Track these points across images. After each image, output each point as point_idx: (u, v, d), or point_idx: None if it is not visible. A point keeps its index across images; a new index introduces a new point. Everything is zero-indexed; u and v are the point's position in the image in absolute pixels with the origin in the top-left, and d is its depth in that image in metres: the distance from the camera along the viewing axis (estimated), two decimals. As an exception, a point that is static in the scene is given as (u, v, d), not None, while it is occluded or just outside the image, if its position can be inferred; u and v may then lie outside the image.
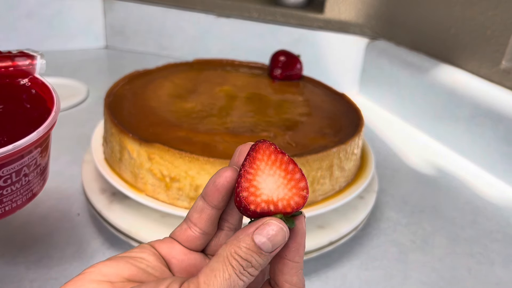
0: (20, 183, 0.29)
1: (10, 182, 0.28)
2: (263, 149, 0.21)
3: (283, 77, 0.54)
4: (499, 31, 0.58)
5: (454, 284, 0.40)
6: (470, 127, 0.61)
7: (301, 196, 0.21)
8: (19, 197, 0.29)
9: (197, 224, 0.23)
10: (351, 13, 0.79)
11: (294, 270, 0.22)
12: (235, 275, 0.19)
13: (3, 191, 0.27)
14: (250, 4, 0.85)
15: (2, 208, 0.28)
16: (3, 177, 0.27)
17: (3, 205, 0.28)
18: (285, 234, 0.20)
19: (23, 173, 0.28)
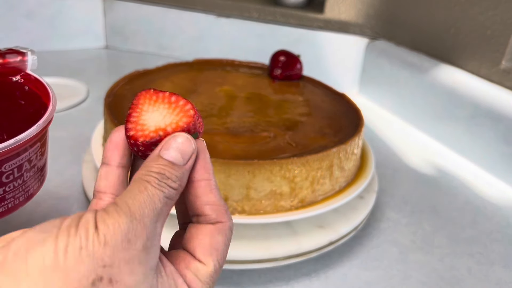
0: (21, 179, 0.28)
1: (12, 178, 0.28)
2: (143, 95, 0.21)
3: (283, 77, 0.54)
4: (499, 31, 0.58)
5: (454, 284, 0.40)
6: (470, 127, 0.61)
7: (189, 116, 0.21)
8: (21, 194, 0.29)
9: (107, 190, 0.22)
10: (351, 13, 0.79)
11: (208, 188, 0.21)
12: (152, 187, 0.19)
13: (5, 187, 0.27)
14: (250, 4, 0.85)
15: (5, 206, 0.28)
16: (5, 173, 0.27)
17: (5, 203, 0.28)
18: (191, 142, 0.20)
19: (24, 168, 0.28)
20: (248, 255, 0.37)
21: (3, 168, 0.26)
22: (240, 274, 0.40)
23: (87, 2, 0.90)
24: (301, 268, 0.41)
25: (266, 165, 0.36)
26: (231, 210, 0.37)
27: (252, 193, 0.37)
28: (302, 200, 0.39)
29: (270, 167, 0.36)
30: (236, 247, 0.37)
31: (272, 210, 0.38)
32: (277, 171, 0.36)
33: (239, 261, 0.37)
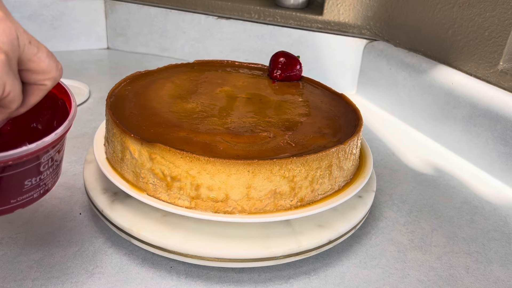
0: (52, 168, 0.30)
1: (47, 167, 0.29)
2: None
3: (283, 78, 0.55)
4: (497, 32, 0.58)
5: (452, 282, 0.41)
6: (468, 127, 0.61)
7: None
8: (51, 180, 0.31)
9: None
10: (349, 15, 0.80)
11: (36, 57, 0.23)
12: None
13: (41, 175, 0.29)
14: (250, 6, 0.85)
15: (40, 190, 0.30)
16: (43, 163, 0.28)
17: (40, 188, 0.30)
18: None
19: (55, 158, 0.30)
20: (248, 254, 0.37)
21: (42, 159, 0.28)
22: (239, 272, 0.40)
23: (89, 4, 0.91)
24: (301, 267, 0.41)
25: (266, 165, 0.36)
26: (231, 210, 0.38)
27: (252, 193, 0.37)
28: (301, 199, 0.39)
29: (270, 166, 0.37)
30: (236, 246, 0.37)
31: (271, 209, 0.38)
32: (277, 170, 0.37)
33: (239, 259, 0.37)
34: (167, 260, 0.40)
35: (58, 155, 0.30)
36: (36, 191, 0.30)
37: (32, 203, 0.30)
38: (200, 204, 0.37)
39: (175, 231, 0.38)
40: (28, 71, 0.26)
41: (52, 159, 0.30)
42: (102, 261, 0.40)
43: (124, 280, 0.38)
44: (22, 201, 0.29)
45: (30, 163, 0.27)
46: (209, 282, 0.39)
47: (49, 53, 0.26)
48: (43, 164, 0.29)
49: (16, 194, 0.28)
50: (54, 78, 0.27)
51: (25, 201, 0.29)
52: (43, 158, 0.28)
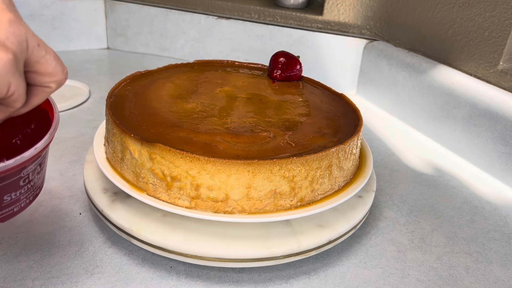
0: (32, 182, 0.29)
1: (27, 181, 0.28)
2: None
3: (283, 78, 0.55)
4: (497, 32, 0.58)
5: (452, 282, 0.41)
6: (468, 127, 0.61)
7: None
8: (32, 194, 0.30)
9: None
10: (349, 15, 0.80)
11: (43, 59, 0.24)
12: None
13: (21, 189, 0.28)
14: (250, 6, 0.85)
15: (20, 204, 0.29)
16: (23, 177, 0.28)
17: (20, 203, 0.29)
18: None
19: (36, 171, 0.29)
20: (248, 254, 0.37)
21: (22, 173, 0.27)
22: (239, 272, 0.40)
23: (89, 4, 0.91)
24: (301, 267, 0.41)
25: (266, 165, 0.36)
26: (231, 210, 0.38)
27: (252, 193, 0.37)
28: (301, 199, 0.39)
29: (270, 166, 0.37)
30: (236, 246, 0.37)
31: (271, 209, 0.38)
32: (277, 170, 0.37)
33: (239, 259, 0.37)
34: (167, 260, 0.40)
35: (39, 168, 0.29)
36: (17, 205, 0.29)
37: (12, 217, 0.29)
38: (200, 204, 0.37)
39: (175, 231, 0.38)
40: (34, 72, 0.26)
41: (34, 172, 0.29)
42: (102, 261, 0.40)
43: (124, 280, 0.38)
44: (3, 215, 0.28)
45: (9, 178, 0.27)
46: (209, 282, 0.39)
47: (56, 57, 0.27)
48: (23, 178, 0.28)
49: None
50: (59, 81, 0.27)
51: (5, 216, 0.29)
52: (23, 173, 0.27)
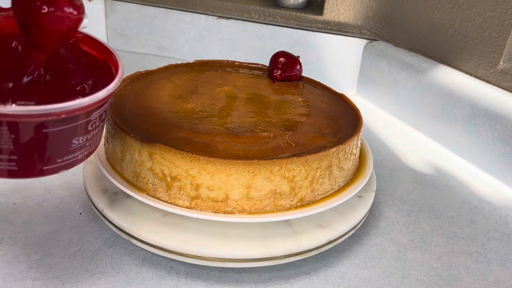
0: (98, 128, 0.30)
1: (94, 126, 0.29)
2: None
3: (283, 78, 0.55)
4: (497, 32, 0.58)
5: (452, 282, 0.41)
6: (468, 127, 0.61)
7: None
8: (95, 143, 0.31)
9: None
10: (349, 15, 0.80)
11: None
12: None
13: (88, 135, 0.29)
14: (250, 6, 0.85)
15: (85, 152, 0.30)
16: (92, 121, 0.28)
17: (85, 149, 0.30)
18: None
19: (102, 117, 0.30)
20: (248, 254, 0.37)
21: (92, 116, 0.28)
22: (239, 272, 0.40)
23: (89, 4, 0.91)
24: (301, 267, 0.41)
25: (266, 165, 0.36)
26: (231, 210, 0.38)
27: (252, 193, 0.37)
28: (301, 199, 0.39)
29: (270, 166, 0.37)
30: (236, 246, 0.37)
31: (271, 209, 0.38)
32: (277, 170, 0.37)
33: (239, 259, 0.37)
34: (167, 260, 0.40)
35: (104, 114, 0.30)
36: (82, 151, 0.29)
37: (75, 165, 0.30)
38: (200, 204, 0.37)
39: (175, 231, 0.38)
40: None
41: (100, 117, 0.29)
42: (102, 261, 0.40)
43: (124, 280, 0.38)
44: (68, 161, 0.28)
45: (81, 119, 0.27)
46: (209, 282, 0.39)
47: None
48: (92, 122, 0.28)
49: (63, 153, 0.28)
50: None
51: (70, 162, 0.29)
52: (93, 115, 0.28)
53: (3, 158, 0.26)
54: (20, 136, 0.25)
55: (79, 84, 0.29)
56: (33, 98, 0.26)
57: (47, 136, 0.26)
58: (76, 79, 0.30)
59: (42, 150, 0.27)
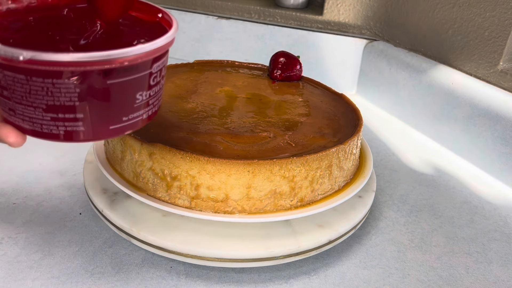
0: (159, 86, 0.29)
1: (156, 82, 0.29)
2: None
3: (283, 78, 0.55)
4: (497, 32, 0.58)
5: (452, 282, 0.41)
6: (468, 127, 0.61)
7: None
8: (157, 102, 0.30)
9: None
10: (349, 15, 0.80)
11: None
12: None
13: (150, 91, 0.28)
14: (250, 6, 0.85)
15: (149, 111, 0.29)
16: (153, 74, 0.28)
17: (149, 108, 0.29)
18: None
19: (162, 74, 0.29)
20: (248, 254, 0.37)
21: (153, 68, 0.27)
22: (239, 272, 0.40)
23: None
24: (301, 267, 0.41)
25: (266, 165, 0.36)
26: (231, 210, 0.38)
27: (252, 193, 0.37)
28: (301, 199, 0.39)
29: (270, 166, 0.37)
30: (236, 246, 0.37)
31: (271, 209, 0.38)
32: (277, 170, 0.37)
33: (239, 259, 0.37)
34: (167, 260, 0.40)
35: (164, 70, 0.29)
36: (146, 110, 0.29)
37: (140, 126, 0.29)
38: (200, 204, 0.37)
39: (175, 231, 0.38)
40: None
41: (160, 72, 0.29)
42: (102, 261, 0.40)
43: (124, 280, 0.38)
44: (133, 120, 0.28)
45: (142, 71, 0.26)
46: (209, 282, 0.39)
47: None
48: (154, 75, 0.28)
49: (128, 109, 0.27)
50: None
51: (135, 121, 0.28)
52: (154, 67, 0.27)
53: (70, 118, 0.26)
54: (84, 89, 0.25)
55: (136, 41, 0.29)
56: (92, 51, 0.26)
57: (111, 88, 0.25)
58: (131, 38, 0.29)
59: (107, 105, 0.26)
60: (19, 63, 0.23)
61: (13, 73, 0.24)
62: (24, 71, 0.24)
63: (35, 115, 0.26)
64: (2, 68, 0.24)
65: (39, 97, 0.25)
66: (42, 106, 0.25)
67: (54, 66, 0.23)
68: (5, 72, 0.24)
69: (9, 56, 0.23)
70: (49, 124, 0.26)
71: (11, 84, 0.25)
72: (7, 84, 0.25)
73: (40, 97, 0.25)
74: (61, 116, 0.25)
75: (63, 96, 0.25)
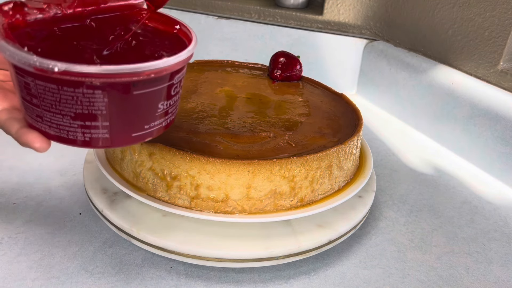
0: (178, 95, 0.31)
1: (175, 92, 0.30)
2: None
3: (283, 78, 0.55)
4: (497, 32, 0.58)
5: (452, 282, 0.41)
6: (468, 127, 0.61)
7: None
8: (175, 111, 0.32)
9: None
10: (349, 15, 0.80)
11: None
12: None
13: (170, 101, 0.30)
14: (250, 6, 0.85)
15: (166, 120, 0.30)
16: (174, 85, 0.29)
17: (167, 117, 0.30)
18: None
19: (181, 84, 0.31)
20: (248, 254, 0.37)
21: (174, 80, 0.29)
22: (239, 272, 0.40)
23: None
24: (301, 267, 0.41)
25: (266, 165, 0.36)
26: (231, 210, 0.38)
27: (252, 193, 0.37)
28: (301, 199, 0.39)
29: (270, 166, 0.37)
30: (236, 246, 0.37)
31: (272, 209, 0.38)
32: (277, 170, 0.37)
33: (239, 259, 0.37)
34: (167, 260, 0.40)
35: (182, 81, 0.31)
36: (166, 118, 0.30)
37: (159, 134, 0.30)
38: (200, 204, 0.37)
39: (175, 231, 0.38)
40: None
41: (180, 83, 0.30)
42: (102, 261, 0.40)
43: (124, 280, 0.38)
44: (153, 128, 0.29)
45: (165, 82, 0.28)
46: (209, 282, 0.39)
47: None
48: (174, 86, 0.29)
49: (150, 118, 0.29)
50: None
51: (156, 129, 0.30)
52: (175, 79, 0.29)
53: (96, 125, 0.27)
54: (112, 99, 0.26)
55: (156, 53, 0.30)
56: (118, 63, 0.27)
57: (137, 98, 0.27)
58: (151, 49, 0.30)
59: (131, 114, 0.27)
60: (53, 74, 0.24)
61: (45, 82, 0.25)
62: (56, 81, 0.25)
63: (63, 122, 0.27)
64: (34, 77, 0.25)
65: (68, 106, 0.26)
66: (70, 114, 0.26)
67: (85, 78, 0.24)
68: (37, 82, 0.25)
69: (44, 67, 0.24)
70: (75, 131, 0.27)
71: (41, 92, 0.26)
72: (38, 93, 0.26)
73: (70, 105, 0.26)
74: (88, 124, 0.27)
75: (91, 105, 0.26)
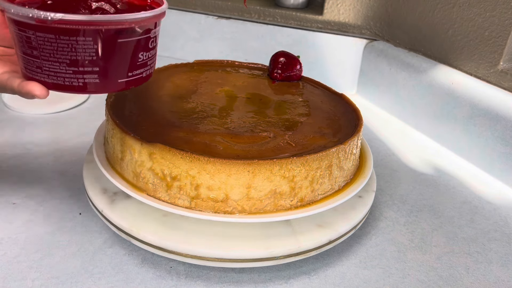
0: (155, 50, 0.35)
1: (153, 46, 0.34)
2: None
3: (283, 77, 0.55)
4: (497, 32, 0.58)
5: (452, 282, 0.41)
6: (468, 127, 0.61)
7: None
8: (153, 65, 0.36)
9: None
10: (350, 15, 0.80)
11: None
12: None
13: (149, 53, 0.34)
14: (250, 6, 0.85)
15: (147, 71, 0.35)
16: (151, 38, 0.33)
17: (147, 68, 0.34)
18: None
19: (157, 40, 0.35)
20: (248, 254, 0.37)
21: (151, 33, 0.33)
22: (240, 272, 0.40)
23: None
24: (301, 267, 0.41)
25: (266, 165, 0.36)
26: (231, 210, 0.38)
27: (252, 193, 0.37)
28: (301, 199, 0.39)
29: (270, 166, 0.37)
30: (236, 246, 0.37)
31: (272, 209, 0.38)
32: (277, 170, 0.37)
33: (239, 259, 0.37)
34: (167, 260, 0.40)
35: (157, 38, 0.35)
36: (145, 69, 0.34)
37: (141, 83, 0.34)
38: (200, 204, 0.37)
39: (175, 231, 0.38)
40: None
41: (155, 39, 0.34)
42: (102, 261, 0.40)
43: (124, 280, 0.38)
44: (135, 77, 0.33)
45: (144, 34, 0.32)
46: (209, 282, 0.39)
47: None
48: (151, 40, 0.33)
49: (132, 66, 0.33)
50: None
51: (137, 78, 0.34)
52: (151, 33, 0.33)
53: (88, 71, 0.31)
54: (101, 45, 0.30)
55: None
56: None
57: (120, 46, 0.31)
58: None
59: (117, 60, 0.32)
60: (51, 23, 0.28)
61: (44, 33, 0.29)
62: (54, 31, 0.29)
63: (60, 69, 0.31)
64: (35, 30, 0.29)
65: (64, 53, 0.30)
66: (66, 61, 0.30)
67: (78, 25, 0.29)
68: (37, 34, 0.29)
69: (43, 17, 0.28)
70: (70, 77, 0.31)
71: (41, 43, 0.30)
72: (38, 45, 0.30)
73: (65, 53, 0.30)
74: (81, 70, 0.31)
75: (84, 51, 0.30)
